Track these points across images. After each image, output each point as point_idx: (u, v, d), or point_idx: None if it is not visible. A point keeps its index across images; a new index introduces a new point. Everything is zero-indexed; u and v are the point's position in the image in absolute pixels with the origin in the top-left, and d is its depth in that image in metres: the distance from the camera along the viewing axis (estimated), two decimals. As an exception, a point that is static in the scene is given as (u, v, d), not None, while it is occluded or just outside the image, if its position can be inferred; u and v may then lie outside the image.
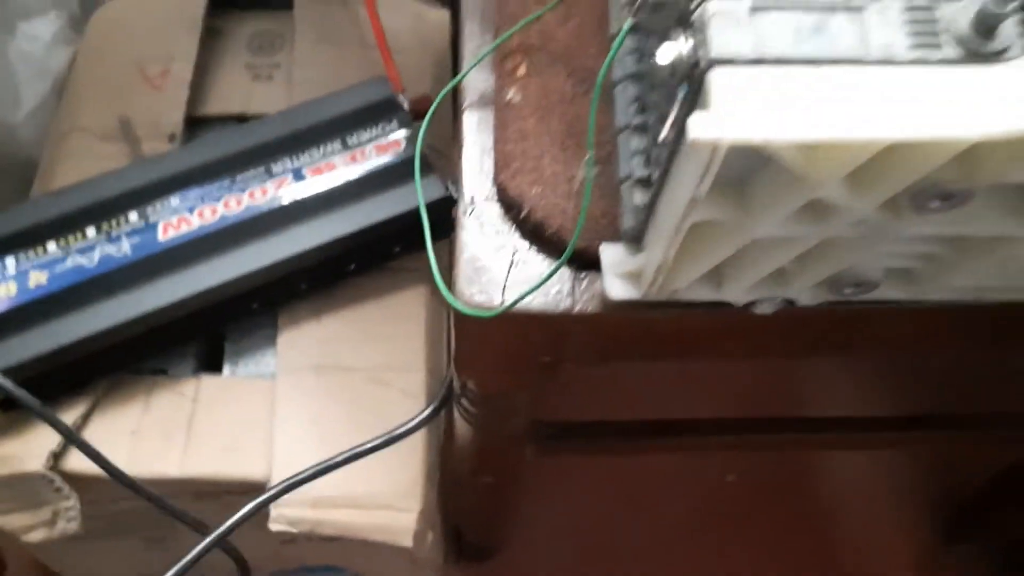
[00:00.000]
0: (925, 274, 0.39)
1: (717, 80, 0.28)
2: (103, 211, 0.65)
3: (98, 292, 0.63)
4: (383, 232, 0.65)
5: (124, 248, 0.64)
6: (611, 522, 0.84)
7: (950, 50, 0.29)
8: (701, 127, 0.27)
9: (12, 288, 0.63)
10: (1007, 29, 0.29)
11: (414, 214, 0.65)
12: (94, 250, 0.64)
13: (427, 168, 0.65)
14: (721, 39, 0.28)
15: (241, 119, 0.77)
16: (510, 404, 0.53)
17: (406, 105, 0.73)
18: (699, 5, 0.29)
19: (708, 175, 0.30)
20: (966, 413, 0.66)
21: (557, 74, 0.44)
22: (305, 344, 0.70)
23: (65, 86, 0.80)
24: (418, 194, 0.59)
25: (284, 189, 0.66)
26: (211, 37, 0.81)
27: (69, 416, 0.63)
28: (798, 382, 0.67)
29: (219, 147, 0.68)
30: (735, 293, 0.39)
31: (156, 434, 0.65)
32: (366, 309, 0.71)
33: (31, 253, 0.64)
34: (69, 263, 0.63)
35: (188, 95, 0.76)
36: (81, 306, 0.62)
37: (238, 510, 0.65)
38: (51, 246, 0.64)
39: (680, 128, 0.29)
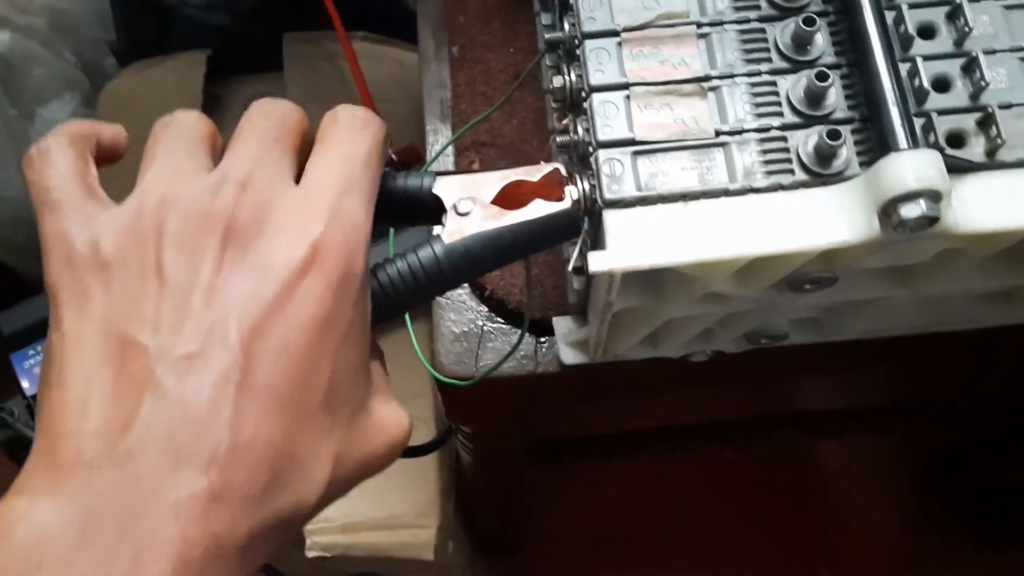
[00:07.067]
0: (827, 323, 0.45)
1: (610, 219, 0.35)
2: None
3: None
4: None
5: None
6: (622, 515, 0.92)
7: (801, 174, 0.35)
8: (598, 261, 0.34)
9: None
10: (844, 153, 0.35)
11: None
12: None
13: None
14: (611, 186, 0.35)
15: (246, 179, 0.84)
16: (501, 438, 0.61)
17: (393, 157, 0.80)
18: (595, 152, 0.36)
19: (613, 290, 0.37)
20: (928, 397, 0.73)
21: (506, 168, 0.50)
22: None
23: (85, 162, 0.88)
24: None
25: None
26: (211, 104, 0.88)
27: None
28: (773, 387, 0.73)
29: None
30: (670, 351, 0.46)
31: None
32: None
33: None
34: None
35: (196, 164, 0.83)
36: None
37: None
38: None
39: (580, 268, 0.36)
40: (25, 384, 0.69)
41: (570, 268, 0.38)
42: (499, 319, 0.49)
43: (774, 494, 0.96)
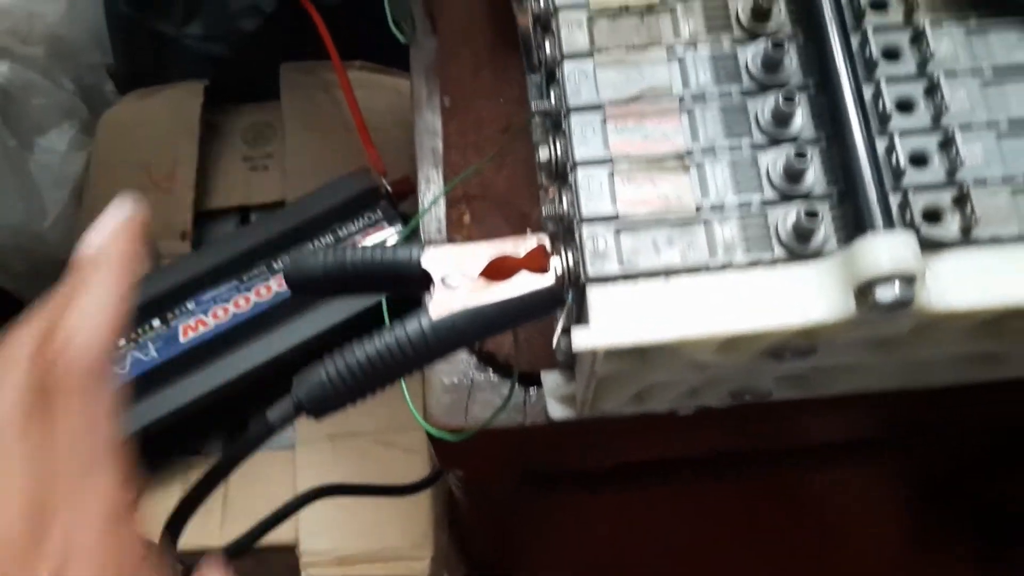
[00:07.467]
0: (813, 379, 0.46)
1: (593, 294, 0.36)
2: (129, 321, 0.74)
3: (132, 394, 0.72)
4: (373, 316, 0.74)
5: (151, 352, 0.73)
6: (615, 547, 0.92)
7: (780, 251, 0.36)
8: (581, 339, 0.35)
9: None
10: (822, 231, 0.36)
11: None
12: (125, 357, 0.73)
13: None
14: (594, 262, 0.36)
15: (243, 209, 0.86)
16: (494, 482, 0.61)
17: (388, 188, 0.80)
18: (579, 227, 0.37)
19: (597, 363, 0.37)
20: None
21: (496, 221, 0.51)
22: (319, 414, 0.79)
23: (84, 191, 0.89)
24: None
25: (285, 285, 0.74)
26: (209, 133, 0.89)
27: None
28: (762, 429, 0.74)
29: (225, 250, 0.77)
30: (656, 407, 0.47)
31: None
32: (370, 378, 0.79)
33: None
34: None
35: (194, 195, 0.84)
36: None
37: (271, 566, 0.74)
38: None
39: (568, 329, 0.37)
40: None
41: (555, 341, 0.38)
42: (490, 368, 0.50)
43: (769, 522, 0.97)
